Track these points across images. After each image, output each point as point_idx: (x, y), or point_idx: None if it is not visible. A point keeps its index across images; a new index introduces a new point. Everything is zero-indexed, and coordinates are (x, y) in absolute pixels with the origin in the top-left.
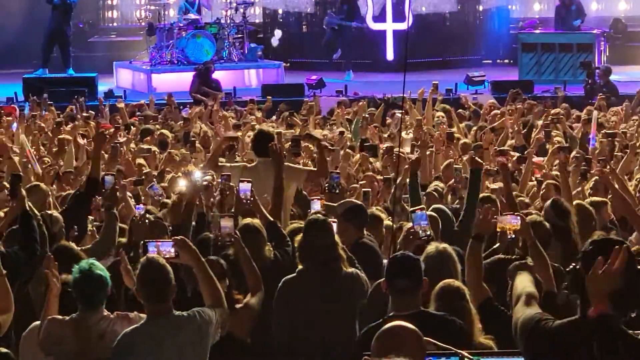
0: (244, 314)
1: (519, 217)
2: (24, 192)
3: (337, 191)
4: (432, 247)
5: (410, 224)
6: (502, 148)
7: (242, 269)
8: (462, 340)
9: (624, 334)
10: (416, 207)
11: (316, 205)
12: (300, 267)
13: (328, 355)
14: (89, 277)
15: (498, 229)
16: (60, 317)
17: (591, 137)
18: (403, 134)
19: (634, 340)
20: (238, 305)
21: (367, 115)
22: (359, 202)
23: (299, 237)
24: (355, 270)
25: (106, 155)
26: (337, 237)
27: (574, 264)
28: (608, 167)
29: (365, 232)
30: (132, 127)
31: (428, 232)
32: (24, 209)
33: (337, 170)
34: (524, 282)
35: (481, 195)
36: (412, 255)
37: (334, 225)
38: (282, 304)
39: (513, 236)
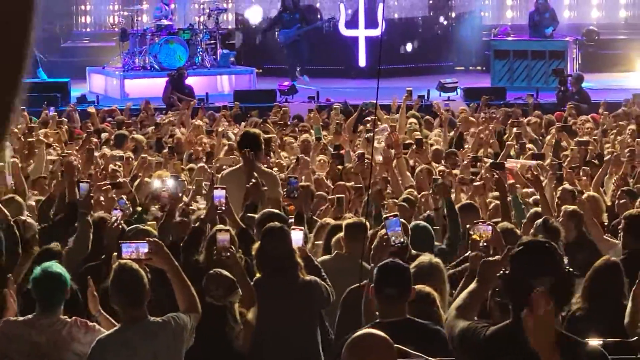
0: (248, 328)
1: (490, 226)
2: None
3: (296, 195)
4: (426, 258)
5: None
6: (476, 155)
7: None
8: (446, 350)
9: (559, 336)
10: (389, 214)
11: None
12: (257, 275)
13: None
14: (49, 277)
15: (472, 237)
16: (14, 318)
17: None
18: (376, 143)
19: (570, 341)
20: (244, 319)
21: (341, 122)
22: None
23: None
24: (313, 278)
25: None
26: (294, 245)
27: (504, 269)
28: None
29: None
30: (103, 132)
31: (402, 239)
32: (6, 219)
33: (295, 175)
34: (463, 294)
35: (461, 204)
36: (401, 264)
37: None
38: None
39: (485, 244)
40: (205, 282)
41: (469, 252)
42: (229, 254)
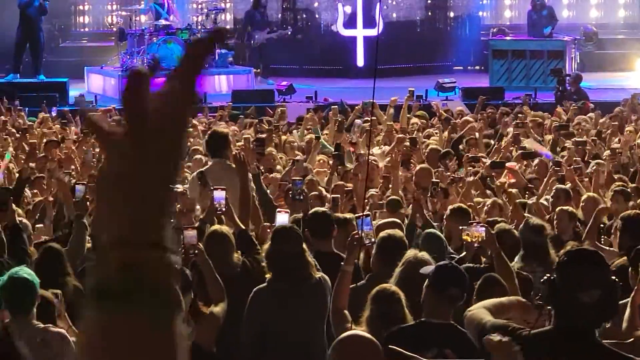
0: (209, 324)
1: (484, 228)
2: (14, 205)
3: (302, 198)
4: (411, 253)
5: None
6: (474, 155)
7: (206, 279)
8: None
9: (599, 346)
10: (360, 214)
11: (281, 218)
12: (268, 276)
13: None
14: (16, 282)
15: (464, 239)
16: None
17: (544, 155)
18: (375, 149)
19: (608, 352)
20: (203, 314)
21: (341, 121)
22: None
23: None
24: (323, 277)
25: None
26: (304, 245)
27: (548, 275)
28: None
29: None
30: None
31: (373, 239)
32: (14, 222)
33: (299, 177)
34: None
35: (452, 207)
36: (460, 268)
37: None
38: (254, 313)
39: (478, 245)
40: None
41: (464, 253)
42: (196, 251)
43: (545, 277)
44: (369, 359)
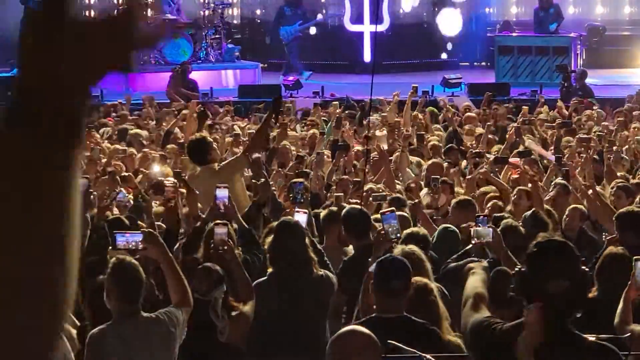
0: (241, 322)
1: (491, 229)
2: None
3: (302, 200)
4: (397, 250)
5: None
6: (476, 151)
7: (234, 277)
8: (440, 351)
9: (571, 335)
10: (386, 210)
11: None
12: (270, 269)
13: (300, 357)
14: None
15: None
16: None
17: (549, 157)
18: (377, 132)
19: (581, 340)
20: (234, 313)
21: (340, 117)
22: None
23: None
24: (325, 272)
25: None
26: (307, 240)
27: (519, 267)
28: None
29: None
30: (105, 127)
31: (399, 234)
32: None
33: (301, 179)
34: (475, 283)
35: (458, 200)
36: (401, 259)
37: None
38: (256, 307)
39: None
40: (194, 276)
41: (469, 246)
42: (226, 247)
43: (516, 269)
44: (366, 354)
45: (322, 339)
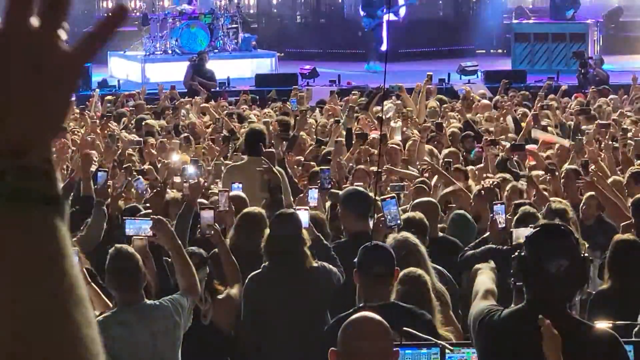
0: (226, 305)
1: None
2: None
3: (330, 186)
4: (389, 239)
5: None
6: (492, 138)
7: (221, 260)
8: (430, 334)
9: (571, 319)
10: (386, 196)
11: (313, 194)
12: (265, 263)
13: (298, 348)
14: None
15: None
16: None
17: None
18: (392, 122)
19: (580, 324)
20: (220, 296)
21: (354, 105)
22: (361, 189)
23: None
24: (321, 264)
25: (102, 147)
26: (304, 231)
27: (518, 251)
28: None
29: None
30: (123, 117)
31: (398, 221)
32: None
33: (327, 166)
34: (484, 280)
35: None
36: (385, 245)
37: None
38: (249, 298)
39: (503, 225)
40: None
41: (487, 234)
42: (212, 231)
43: (516, 253)
44: (378, 341)
45: (319, 330)
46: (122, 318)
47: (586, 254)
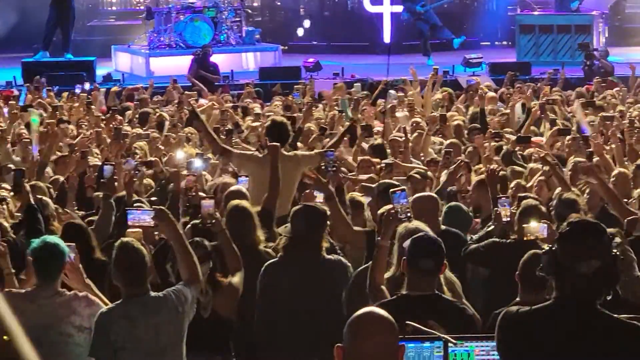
0: (228, 294)
1: (546, 226)
2: (27, 187)
3: (334, 170)
4: (401, 228)
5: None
6: (496, 130)
7: (223, 250)
8: (472, 329)
9: (600, 315)
10: (396, 188)
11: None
12: (281, 252)
13: (313, 338)
14: (46, 248)
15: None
16: (15, 290)
17: (583, 129)
18: (398, 113)
19: (609, 319)
20: (222, 285)
21: (358, 98)
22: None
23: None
24: (336, 257)
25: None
26: (322, 226)
27: (549, 245)
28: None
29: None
30: (127, 110)
31: (409, 214)
32: (29, 202)
33: (332, 149)
34: None
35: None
36: (436, 238)
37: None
38: (265, 288)
39: (508, 219)
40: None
41: (492, 227)
42: (214, 220)
43: (546, 247)
44: (383, 335)
45: (335, 321)
46: (127, 311)
47: (617, 252)
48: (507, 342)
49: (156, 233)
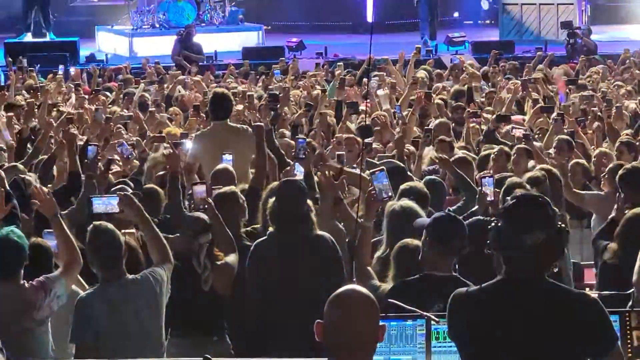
0: (224, 272)
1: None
2: (2, 173)
3: (304, 156)
4: (392, 207)
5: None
6: (474, 110)
7: (216, 233)
8: None
9: (550, 288)
10: (375, 169)
11: (299, 168)
12: (271, 229)
13: (302, 315)
14: (6, 244)
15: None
16: None
17: (560, 95)
18: (379, 91)
19: (559, 290)
20: (219, 262)
21: (343, 77)
22: (399, 164)
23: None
24: (326, 234)
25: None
26: (309, 201)
27: (495, 221)
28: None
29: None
30: (109, 91)
31: (390, 193)
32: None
33: (303, 136)
34: None
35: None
36: (459, 218)
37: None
38: (255, 265)
39: (492, 198)
40: (180, 224)
41: (476, 207)
42: (207, 205)
43: (492, 224)
44: (364, 313)
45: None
46: (107, 295)
47: (562, 225)
48: (458, 324)
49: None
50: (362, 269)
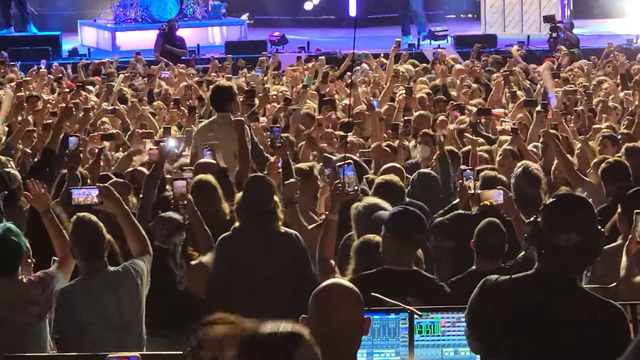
0: (199, 272)
1: (501, 192)
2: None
3: (280, 144)
4: (357, 205)
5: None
6: (457, 103)
7: (194, 229)
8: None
9: (578, 291)
10: (342, 162)
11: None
12: (236, 224)
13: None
14: (3, 242)
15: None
16: None
17: (550, 96)
18: (360, 89)
19: (586, 296)
20: (193, 262)
21: (325, 71)
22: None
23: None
24: (289, 230)
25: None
26: (276, 197)
27: (535, 216)
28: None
29: None
30: (92, 85)
31: (356, 186)
32: None
33: (277, 125)
34: None
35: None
36: (418, 212)
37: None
38: (219, 260)
39: (473, 192)
40: (153, 223)
41: (457, 200)
42: (185, 201)
43: (532, 218)
44: (349, 307)
45: (287, 295)
46: (90, 286)
47: (601, 229)
48: (483, 310)
49: None
50: (324, 262)
